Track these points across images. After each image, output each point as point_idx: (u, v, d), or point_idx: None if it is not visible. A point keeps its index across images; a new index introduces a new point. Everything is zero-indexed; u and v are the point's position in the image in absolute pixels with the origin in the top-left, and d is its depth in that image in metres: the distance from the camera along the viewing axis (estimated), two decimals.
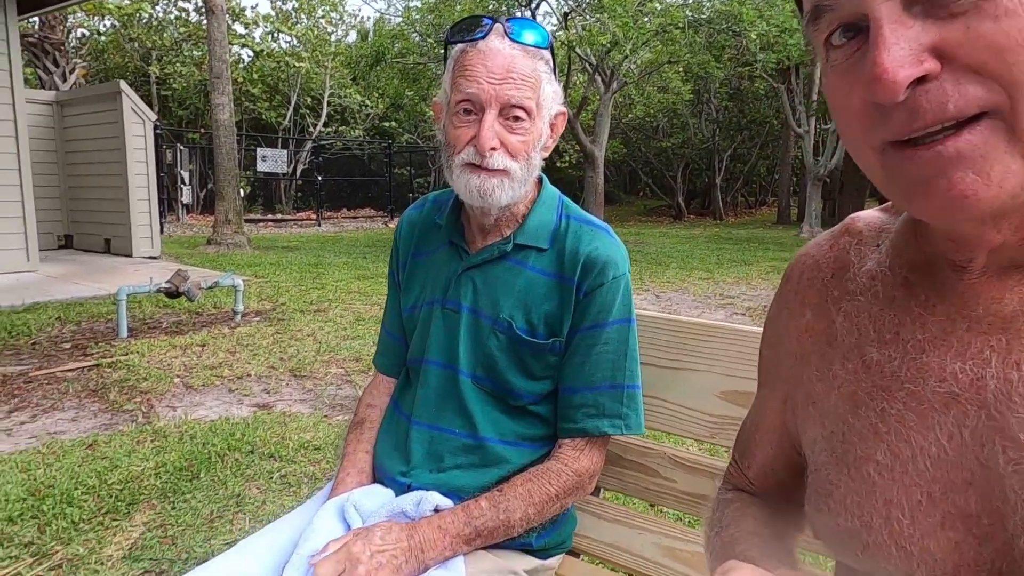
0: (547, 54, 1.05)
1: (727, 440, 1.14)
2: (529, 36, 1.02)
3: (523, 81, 1.01)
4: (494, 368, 1.08)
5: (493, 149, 1.01)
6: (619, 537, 1.22)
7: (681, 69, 15.50)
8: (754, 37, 11.71)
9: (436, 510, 1.01)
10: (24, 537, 2.22)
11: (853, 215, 0.65)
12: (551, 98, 1.06)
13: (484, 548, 1.02)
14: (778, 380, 0.69)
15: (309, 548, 0.95)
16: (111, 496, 2.50)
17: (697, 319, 1.21)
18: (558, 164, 19.42)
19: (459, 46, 1.04)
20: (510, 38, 1.01)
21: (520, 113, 1.01)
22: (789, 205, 18.85)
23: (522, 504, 1.01)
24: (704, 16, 12.24)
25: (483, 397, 1.09)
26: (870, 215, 0.64)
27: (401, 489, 1.07)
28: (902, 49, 0.40)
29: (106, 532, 2.26)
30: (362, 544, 0.92)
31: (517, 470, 1.07)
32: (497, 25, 1.02)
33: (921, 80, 0.40)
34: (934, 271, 0.53)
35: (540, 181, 1.14)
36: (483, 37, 1.01)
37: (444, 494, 1.03)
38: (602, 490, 1.30)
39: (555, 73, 1.07)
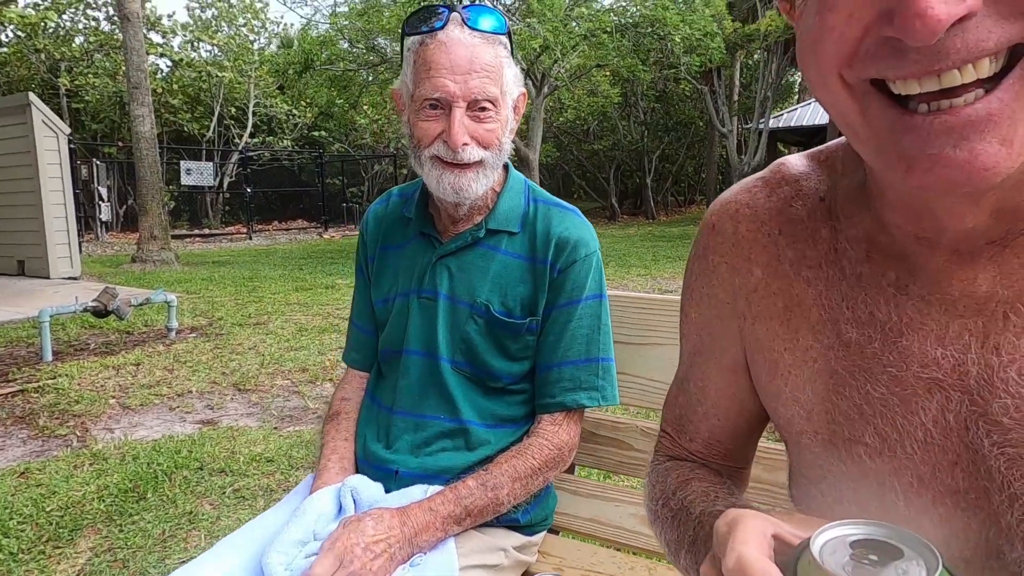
0: (505, 39, 1.06)
1: None
2: (487, 22, 1.02)
3: (487, 73, 1.01)
4: (473, 352, 1.09)
5: (465, 144, 1.01)
6: (597, 511, 1.25)
7: (609, 72, 15.86)
8: (678, 40, 12.13)
9: None
10: None
11: (781, 160, 0.60)
12: (512, 82, 1.07)
13: (473, 528, 1.03)
14: (720, 345, 0.63)
15: (298, 531, 0.94)
16: (51, 523, 2.36)
17: (659, 296, 1.25)
18: None
19: (416, 38, 1.03)
20: (469, 26, 1.01)
21: (487, 104, 1.02)
22: None
23: (508, 480, 1.03)
24: (630, 20, 12.57)
25: (463, 382, 1.10)
26: (798, 161, 0.59)
27: (387, 475, 1.06)
28: None
29: (49, 560, 2.14)
30: (356, 536, 0.91)
31: (499, 451, 1.08)
32: (455, 15, 1.02)
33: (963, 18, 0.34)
34: (900, 247, 0.50)
35: (506, 167, 1.16)
36: (442, 27, 1.00)
37: (430, 476, 1.04)
38: (576, 467, 1.33)
39: (514, 55, 1.09)
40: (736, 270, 0.59)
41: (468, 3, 1.07)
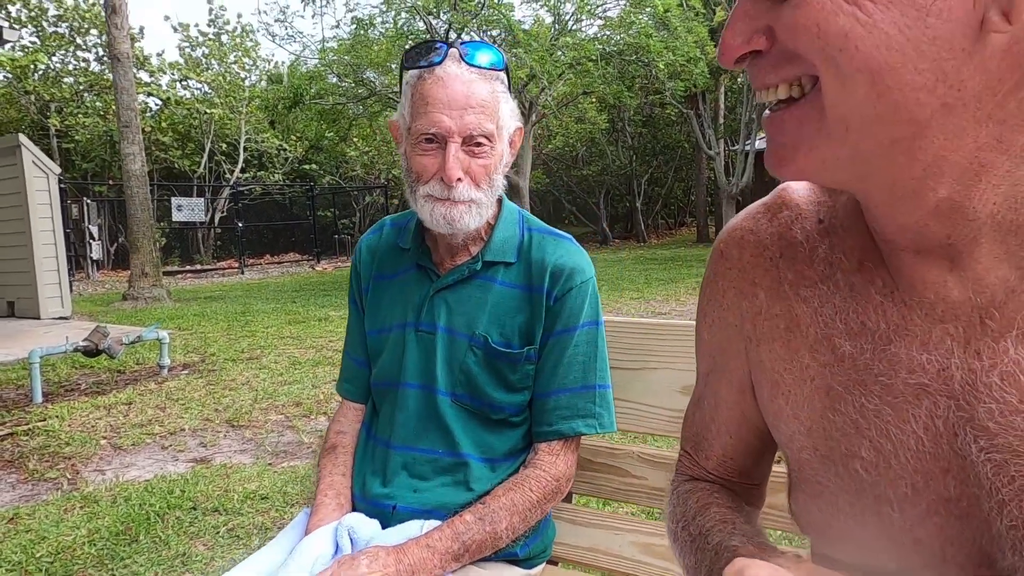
0: (503, 74, 1.07)
1: None
2: (484, 58, 1.03)
3: (482, 108, 1.01)
4: (473, 384, 1.08)
5: (459, 180, 1.01)
6: (597, 540, 1.23)
7: (595, 99, 16.08)
8: (662, 67, 12.31)
9: None
10: None
11: (784, 185, 0.62)
12: (508, 116, 1.07)
13: (471, 563, 1.01)
14: (730, 366, 0.66)
15: (296, 572, 0.92)
16: (40, 570, 2.31)
17: (655, 320, 1.25)
18: None
19: (415, 72, 1.04)
20: (466, 62, 1.01)
21: (482, 140, 1.02)
22: (707, 224, 19.67)
23: (507, 514, 1.01)
24: (615, 48, 12.77)
25: (463, 415, 1.09)
26: (800, 185, 0.62)
27: (384, 511, 1.05)
28: (743, 25, 0.45)
29: None
30: (347, 573, 0.90)
31: (498, 485, 1.06)
32: (453, 50, 1.02)
33: (759, 52, 0.46)
34: (882, 252, 0.52)
35: (499, 199, 1.16)
36: (440, 62, 1.01)
37: (428, 512, 1.02)
38: (574, 496, 1.31)
39: (510, 89, 1.10)
40: (743, 294, 0.62)
41: (467, 38, 1.08)
